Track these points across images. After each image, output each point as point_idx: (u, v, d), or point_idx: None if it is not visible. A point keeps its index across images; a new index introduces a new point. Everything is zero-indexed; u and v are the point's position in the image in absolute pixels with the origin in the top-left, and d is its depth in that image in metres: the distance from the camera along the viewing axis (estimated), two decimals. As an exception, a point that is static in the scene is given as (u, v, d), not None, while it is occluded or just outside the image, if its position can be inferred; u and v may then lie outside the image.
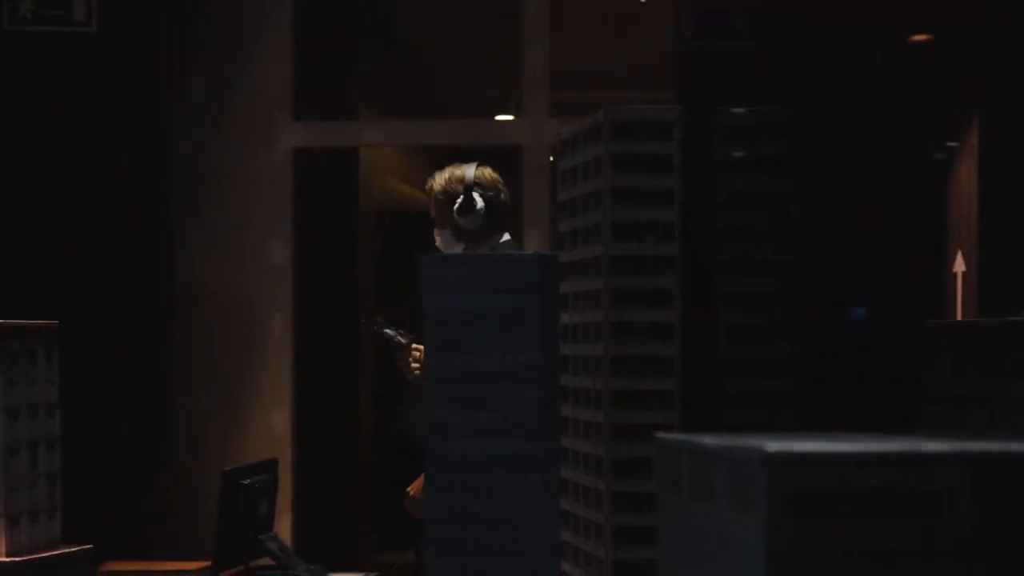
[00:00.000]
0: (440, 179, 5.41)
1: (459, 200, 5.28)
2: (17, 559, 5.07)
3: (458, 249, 5.47)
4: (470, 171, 5.34)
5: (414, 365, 5.52)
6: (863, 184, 4.95)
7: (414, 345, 5.52)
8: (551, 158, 7.17)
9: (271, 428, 7.21)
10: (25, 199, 7.04)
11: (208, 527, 7.04)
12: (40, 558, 5.18)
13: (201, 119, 7.23)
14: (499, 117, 8.49)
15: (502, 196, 5.26)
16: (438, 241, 5.54)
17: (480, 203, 5.24)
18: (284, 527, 7.09)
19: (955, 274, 5.39)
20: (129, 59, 7.12)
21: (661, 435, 3.00)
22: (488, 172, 5.35)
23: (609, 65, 8.45)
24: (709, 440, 2.71)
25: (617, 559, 3.75)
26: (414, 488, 5.22)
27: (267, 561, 4.83)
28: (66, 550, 5.35)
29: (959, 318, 5.50)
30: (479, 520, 4.78)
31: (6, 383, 5.10)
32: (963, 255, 5.32)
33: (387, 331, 5.48)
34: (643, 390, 3.81)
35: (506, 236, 5.49)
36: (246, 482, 4.75)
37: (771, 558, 2.42)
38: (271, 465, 5.12)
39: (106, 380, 6.98)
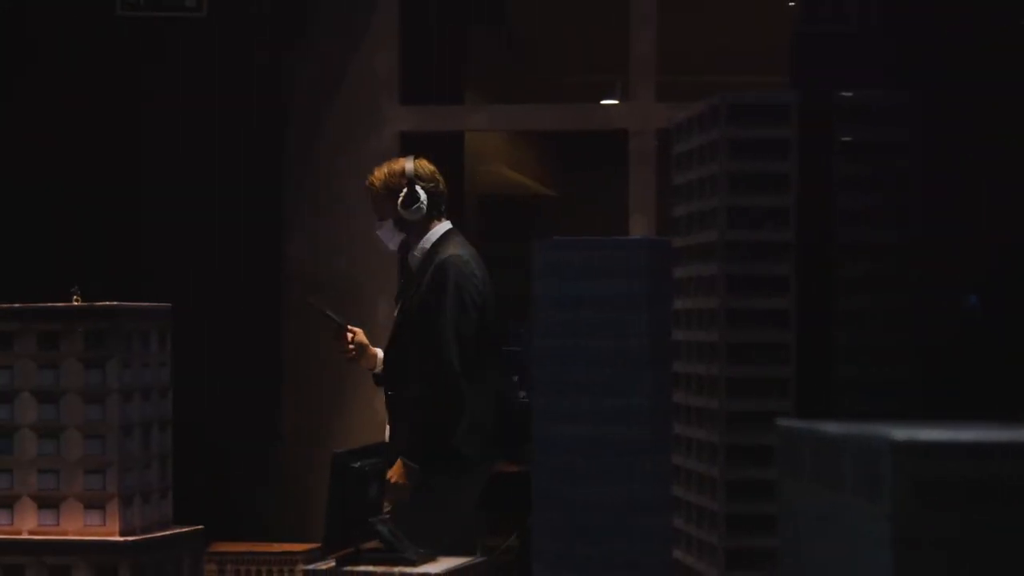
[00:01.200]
0: (379, 173, 5.61)
1: (402, 193, 5.46)
2: (130, 538, 5.13)
3: (398, 240, 5.65)
4: (409, 164, 5.55)
5: (350, 347, 5.62)
6: (983, 168, 4.88)
7: (349, 327, 5.63)
8: (658, 143, 7.13)
9: (375, 413, 7.24)
10: (137, 184, 7.11)
11: (315, 509, 7.10)
12: (152, 538, 5.25)
13: (310, 103, 7.27)
14: (604, 102, 8.46)
15: (440, 187, 5.53)
16: (378, 232, 5.68)
17: (423, 195, 5.45)
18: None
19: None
20: (239, 44, 7.17)
21: (782, 422, 2.97)
22: (426, 164, 5.58)
23: (718, 49, 8.39)
24: (832, 428, 2.68)
25: (731, 547, 3.72)
26: (393, 474, 5.29)
27: (376, 544, 4.85)
28: (177, 530, 5.41)
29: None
30: (586, 504, 4.78)
31: (120, 365, 5.17)
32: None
33: (328, 312, 5.60)
34: (758, 377, 3.77)
35: (448, 225, 5.64)
36: (356, 465, 4.77)
37: (897, 546, 2.40)
38: (381, 448, 5.14)
39: (216, 362, 7.04)
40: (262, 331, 7.22)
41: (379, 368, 5.72)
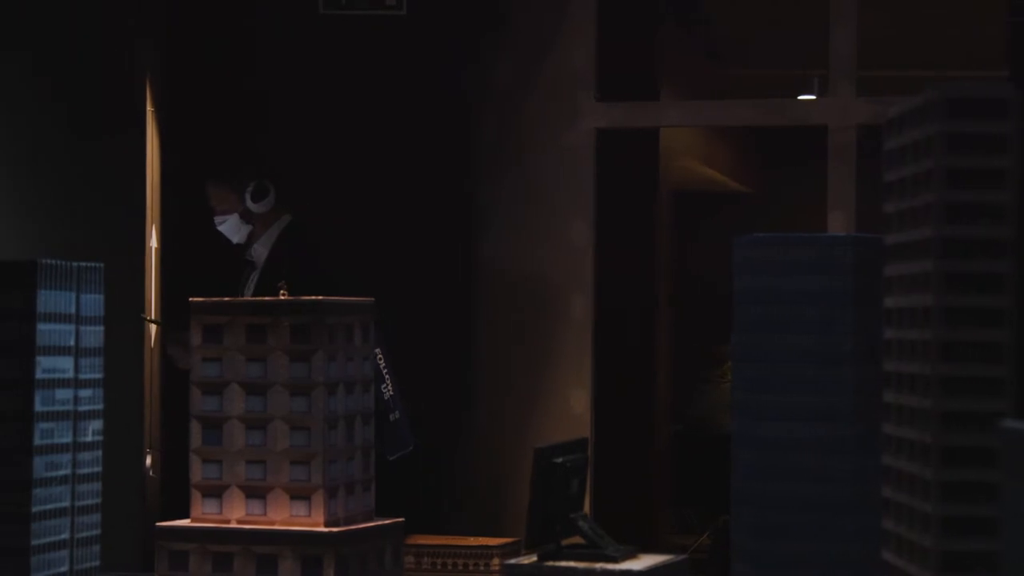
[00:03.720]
0: (224, 167, 5.72)
1: (251, 187, 5.49)
2: (334, 529, 5.20)
3: (244, 233, 5.62)
4: (256, 157, 5.58)
5: (186, 354, 5.61)
6: None
7: (179, 333, 5.67)
8: (858, 138, 7.02)
9: (570, 409, 7.24)
10: (338, 179, 7.21)
11: (509, 503, 7.14)
12: (356, 529, 5.31)
13: (505, 99, 7.30)
14: (802, 97, 8.36)
15: (281, 180, 5.59)
16: (221, 227, 5.66)
17: (272, 189, 5.48)
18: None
19: None
20: (437, 41, 7.24)
21: (1007, 424, 2.90)
22: (271, 158, 5.69)
23: (922, 42, 8.26)
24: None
25: (945, 549, 3.65)
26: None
27: (577, 540, 4.86)
28: (379, 522, 5.47)
29: None
30: (787, 504, 4.73)
31: (325, 358, 5.24)
32: None
33: (149, 320, 5.60)
34: (972, 376, 3.70)
35: (289, 217, 5.66)
36: (558, 460, 4.79)
37: None
38: (582, 444, 5.14)
39: (410, 356, 7.11)
40: (456, 327, 7.27)
41: None
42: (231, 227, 5.59)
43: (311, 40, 7.22)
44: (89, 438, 4.15)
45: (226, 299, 5.36)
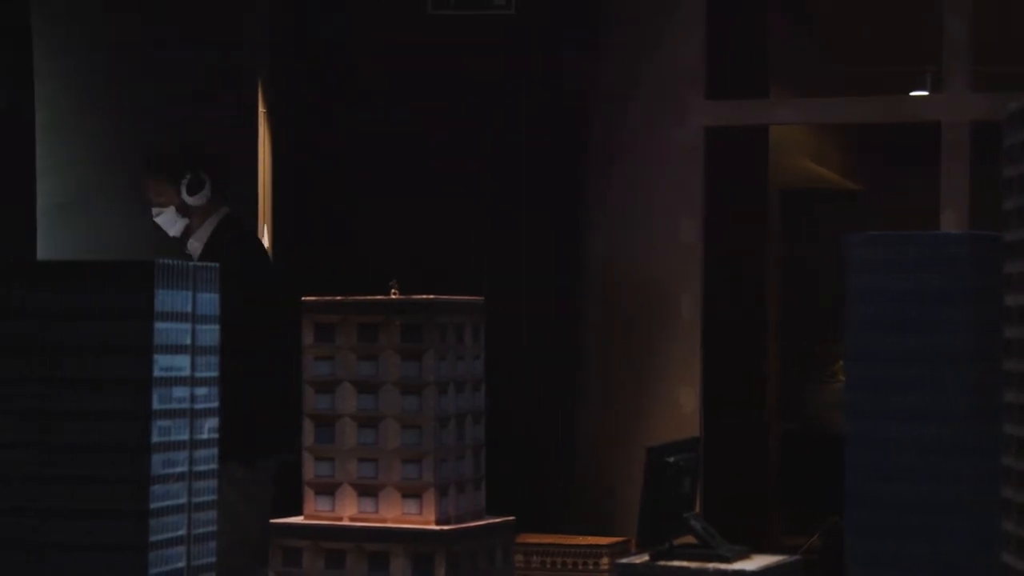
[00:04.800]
0: (160, 159, 5.61)
1: (187, 179, 5.46)
2: (445, 527, 5.22)
3: (181, 226, 5.56)
4: (192, 149, 5.58)
5: None
6: None
7: None
8: (972, 135, 6.93)
9: (679, 407, 7.22)
10: (447, 179, 7.23)
11: (618, 502, 7.12)
12: (467, 527, 5.32)
13: (614, 97, 7.28)
14: (914, 93, 8.27)
15: (219, 172, 5.54)
16: (158, 219, 5.60)
17: (208, 181, 5.48)
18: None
19: None
20: (546, 40, 7.23)
21: None
22: (210, 150, 5.60)
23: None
24: None
25: (1067, 551, 3.60)
26: None
27: (689, 539, 4.84)
28: (490, 521, 5.48)
29: None
30: (902, 505, 4.68)
31: (436, 357, 5.26)
32: None
33: None
34: (1095, 376, 3.64)
35: (227, 209, 5.62)
36: (670, 460, 4.77)
37: None
38: (694, 443, 5.12)
39: (520, 355, 7.12)
40: (565, 325, 7.27)
41: None
42: (167, 220, 5.59)
43: (419, 40, 7.25)
44: (205, 435, 4.18)
45: (338, 298, 5.40)
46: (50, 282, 4.02)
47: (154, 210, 5.60)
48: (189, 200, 5.51)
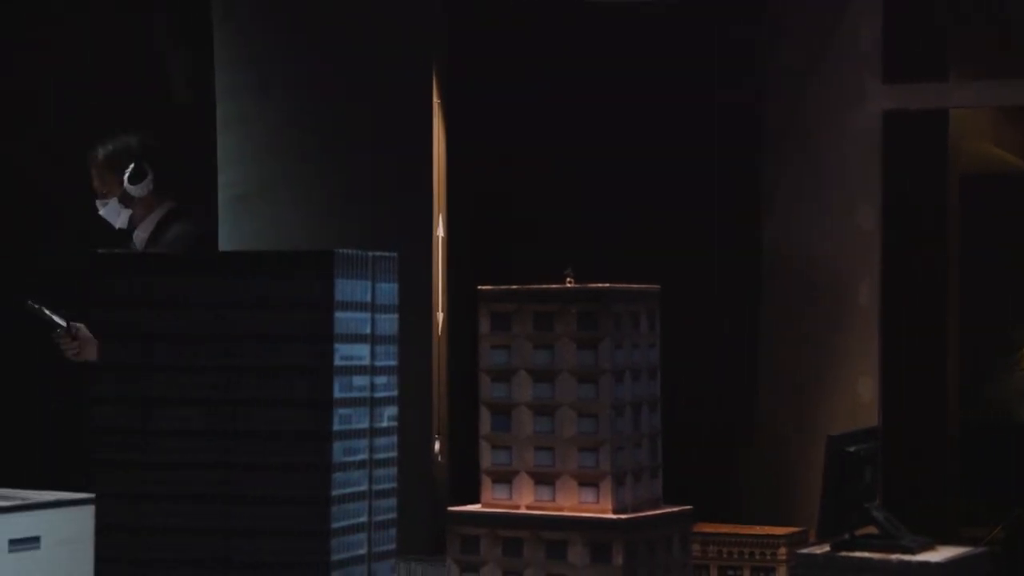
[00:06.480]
0: (103, 149, 5.51)
1: (130, 169, 5.41)
2: (623, 516, 5.21)
3: (125, 217, 5.44)
4: (135, 140, 5.48)
5: (74, 343, 5.48)
6: None
7: (70, 323, 5.47)
8: None
9: (857, 396, 7.13)
10: (617, 166, 7.21)
11: (795, 492, 7.05)
12: (644, 516, 5.31)
13: (792, 82, 7.20)
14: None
15: (167, 163, 5.50)
16: (102, 211, 5.48)
17: (150, 171, 5.41)
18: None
19: None
20: (712, 25, 7.17)
21: None
22: (153, 141, 5.51)
23: None
24: None
25: None
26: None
27: (871, 530, 4.76)
28: (667, 510, 5.45)
29: None
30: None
31: (612, 346, 5.25)
32: None
33: (46, 312, 5.41)
34: None
35: (172, 203, 5.52)
36: (851, 449, 4.70)
37: None
38: (875, 432, 5.05)
39: (697, 342, 7.08)
40: (742, 312, 7.22)
41: None
42: (111, 211, 5.58)
43: (584, 29, 7.23)
44: (385, 424, 4.23)
45: (514, 287, 5.41)
46: (232, 272, 4.09)
47: (98, 202, 5.62)
48: (131, 190, 5.52)
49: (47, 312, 5.53)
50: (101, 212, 5.64)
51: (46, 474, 5.94)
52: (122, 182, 5.52)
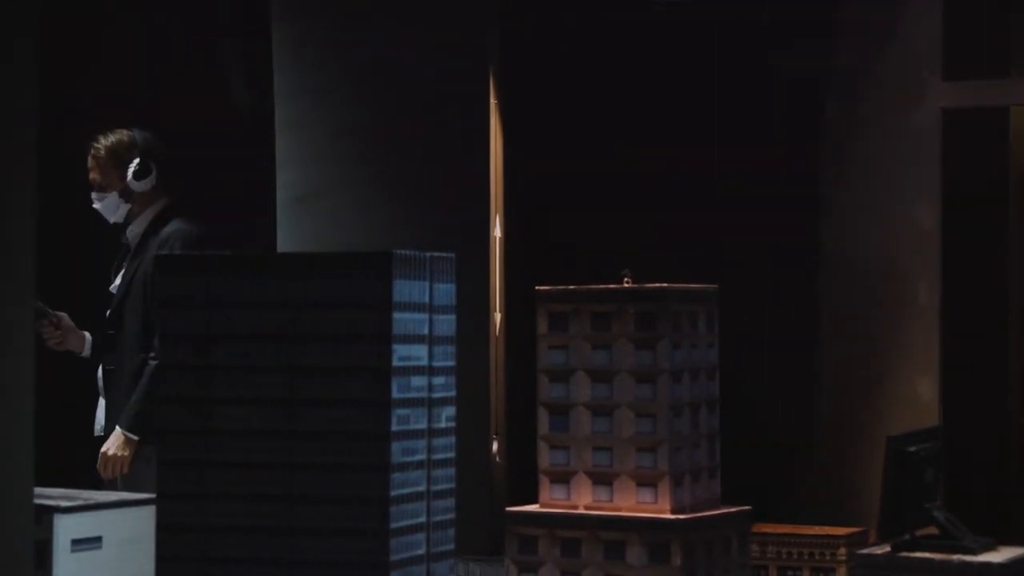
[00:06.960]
0: (106, 142, 5.50)
1: (134, 164, 5.42)
2: (681, 516, 5.20)
3: (123, 212, 5.41)
4: (139, 135, 5.48)
5: (56, 332, 5.48)
6: None
7: (53, 311, 5.47)
8: None
9: (918, 396, 7.08)
10: (677, 167, 7.20)
11: (854, 492, 7.01)
12: (702, 517, 5.30)
13: (850, 79, 7.17)
14: None
15: (169, 160, 5.54)
16: (98, 204, 5.45)
17: (155, 168, 5.45)
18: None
19: None
20: (777, 23, 7.16)
21: None
22: (153, 137, 5.53)
23: None
24: None
25: None
26: (111, 445, 5.27)
27: (932, 530, 4.74)
28: (726, 510, 5.44)
29: None
30: None
31: (670, 346, 5.24)
32: None
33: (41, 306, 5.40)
34: None
35: (167, 200, 5.52)
36: (912, 449, 4.68)
37: None
38: (936, 432, 5.02)
39: (756, 343, 7.06)
40: (800, 312, 7.19)
41: (86, 352, 5.61)
42: (109, 205, 5.58)
43: (643, 28, 7.23)
44: (443, 424, 4.24)
45: (571, 287, 5.41)
46: (290, 273, 4.12)
47: (95, 195, 5.63)
48: (135, 186, 5.55)
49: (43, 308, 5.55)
50: (97, 205, 5.64)
51: (55, 473, 5.99)
52: (124, 176, 5.55)
